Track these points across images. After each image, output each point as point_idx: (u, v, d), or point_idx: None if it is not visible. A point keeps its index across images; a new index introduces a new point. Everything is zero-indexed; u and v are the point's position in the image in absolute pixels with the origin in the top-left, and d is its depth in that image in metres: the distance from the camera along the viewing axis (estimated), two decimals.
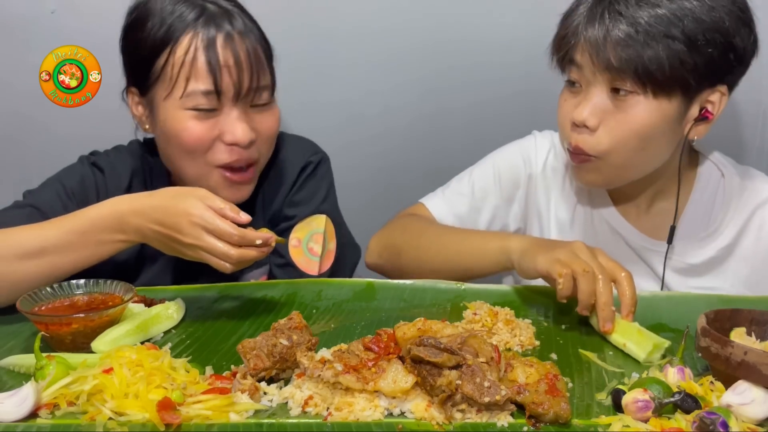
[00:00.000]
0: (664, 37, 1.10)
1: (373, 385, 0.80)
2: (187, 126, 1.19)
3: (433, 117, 1.71)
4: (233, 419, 0.79)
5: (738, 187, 1.26)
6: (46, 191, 1.24)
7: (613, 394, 0.82)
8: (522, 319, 1.04)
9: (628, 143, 1.16)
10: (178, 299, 1.09)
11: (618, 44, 1.11)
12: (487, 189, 1.36)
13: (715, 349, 0.82)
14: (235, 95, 1.19)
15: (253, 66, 1.20)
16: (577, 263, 1.00)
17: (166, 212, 1.00)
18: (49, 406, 0.81)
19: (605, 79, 1.15)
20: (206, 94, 1.18)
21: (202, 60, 1.17)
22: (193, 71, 1.17)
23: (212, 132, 1.20)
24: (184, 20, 1.19)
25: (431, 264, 1.23)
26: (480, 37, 1.64)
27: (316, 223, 1.29)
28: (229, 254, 0.99)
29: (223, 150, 1.21)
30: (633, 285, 1.00)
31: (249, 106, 1.22)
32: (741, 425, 0.76)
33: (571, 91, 1.21)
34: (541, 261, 1.03)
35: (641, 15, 1.11)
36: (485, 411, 0.79)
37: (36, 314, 0.98)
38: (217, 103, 1.19)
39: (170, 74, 1.18)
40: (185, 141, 1.20)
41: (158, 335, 1.02)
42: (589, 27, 1.14)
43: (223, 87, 1.18)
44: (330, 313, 1.10)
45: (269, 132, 1.26)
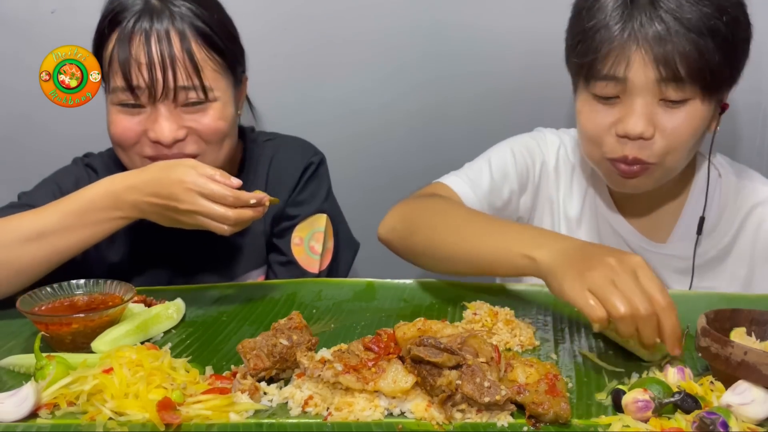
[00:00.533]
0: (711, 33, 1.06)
1: (373, 385, 0.80)
2: (113, 120, 1.20)
3: (431, 115, 1.71)
4: (233, 419, 0.79)
5: (735, 187, 1.26)
6: (42, 192, 1.25)
7: (613, 394, 0.82)
8: (522, 319, 1.04)
9: (686, 145, 1.14)
10: (178, 299, 1.09)
11: (685, 56, 1.06)
12: (506, 171, 1.30)
13: (715, 349, 0.82)
14: (152, 94, 1.17)
15: (170, 65, 1.16)
16: (614, 301, 0.83)
17: (159, 183, 1.02)
18: (49, 406, 0.81)
19: (657, 90, 1.10)
20: (125, 90, 1.17)
21: (116, 57, 1.17)
22: (113, 68, 1.18)
23: (138, 127, 1.19)
24: (116, 18, 1.19)
25: (444, 251, 1.11)
26: (481, 35, 1.64)
27: (317, 223, 1.32)
28: (226, 215, 1.01)
29: (147, 145, 1.20)
30: (675, 318, 0.85)
31: (180, 105, 1.19)
32: (741, 425, 0.76)
33: (603, 104, 1.15)
34: (572, 293, 0.86)
35: (687, 8, 1.06)
36: (485, 411, 0.79)
37: (36, 314, 0.98)
38: (141, 100, 1.18)
39: (106, 73, 1.19)
40: (112, 134, 1.21)
41: (158, 335, 1.02)
42: (637, 37, 1.08)
43: (136, 84, 1.16)
44: (330, 313, 1.10)
45: (206, 130, 1.21)
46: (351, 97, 1.68)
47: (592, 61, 1.12)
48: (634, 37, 1.08)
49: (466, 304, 1.09)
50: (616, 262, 0.86)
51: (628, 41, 1.08)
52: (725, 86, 1.15)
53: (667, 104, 1.11)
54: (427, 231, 1.13)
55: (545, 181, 1.34)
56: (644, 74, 1.09)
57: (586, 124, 1.18)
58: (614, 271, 0.85)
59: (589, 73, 1.14)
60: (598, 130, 1.16)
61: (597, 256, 0.89)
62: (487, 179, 1.28)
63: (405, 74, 1.68)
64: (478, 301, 1.09)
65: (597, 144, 1.17)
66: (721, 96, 1.15)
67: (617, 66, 1.10)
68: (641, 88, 1.10)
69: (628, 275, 0.85)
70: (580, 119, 1.19)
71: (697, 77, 1.08)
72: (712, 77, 1.09)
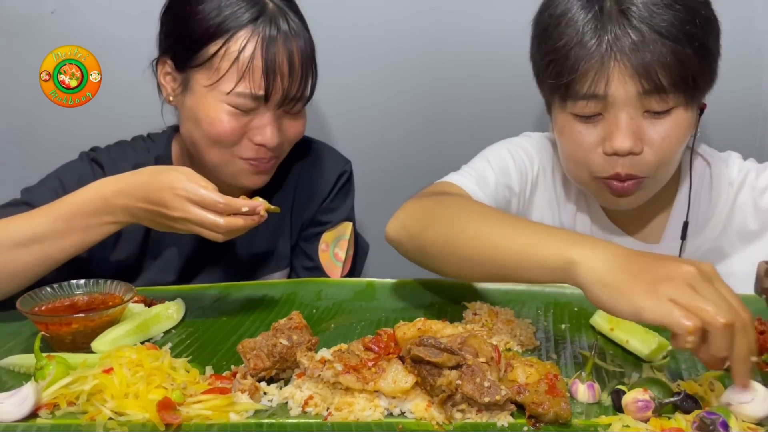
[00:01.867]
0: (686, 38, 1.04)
1: (373, 385, 0.80)
2: (222, 119, 1.18)
3: (432, 116, 1.71)
4: (233, 419, 0.79)
5: (726, 176, 1.24)
6: (43, 189, 1.24)
7: (613, 394, 0.82)
8: (522, 319, 1.04)
9: (676, 154, 1.13)
10: (178, 299, 1.09)
11: (666, 65, 1.03)
12: (507, 171, 1.27)
13: None
14: (280, 101, 1.19)
15: (302, 73, 1.20)
16: (709, 308, 0.72)
17: (149, 188, 1.00)
18: (49, 406, 0.81)
19: (640, 103, 1.07)
20: (255, 98, 1.17)
21: (259, 63, 1.16)
22: (248, 72, 1.16)
23: (243, 129, 1.20)
24: (243, 14, 1.17)
25: (461, 249, 0.97)
26: (480, 36, 1.64)
27: (344, 231, 1.37)
28: (216, 223, 0.99)
29: (249, 147, 1.21)
30: (753, 333, 0.74)
31: (283, 111, 1.22)
32: (741, 425, 0.76)
33: (585, 123, 1.11)
34: (645, 303, 0.74)
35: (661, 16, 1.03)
36: (485, 411, 0.79)
37: (36, 314, 0.98)
38: (260, 105, 1.19)
39: (218, 66, 1.16)
40: (216, 132, 1.19)
41: (158, 335, 1.02)
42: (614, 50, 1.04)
43: (272, 93, 1.17)
44: (330, 313, 1.10)
45: (295, 137, 1.27)
46: (351, 98, 1.68)
47: (570, 81, 1.08)
48: (611, 51, 1.04)
49: (466, 304, 1.09)
50: (692, 270, 0.75)
51: (606, 56, 1.05)
52: (706, 89, 1.13)
53: (651, 116, 1.09)
54: (443, 227, 1.01)
55: (542, 182, 1.32)
56: (625, 89, 1.06)
57: (570, 145, 1.14)
58: (695, 279, 0.75)
59: (566, 93, 1.09)
60: (583, 151, 1.13)
61: (665, 264, 0.78)
62: (492, 177, 1.25)
63: (407, 78, 1.68)
64: (478, 302, 1.09)
65: (583, 165, 1.14)
66: (700, 99, 1.14)
67: (597, 84, 1.06)
68: (623, 103, 1.07)
69: (709, 283, 0.75)
70: (562, 141, 1.16)
71: (679, 86, 1.06)
72: (693, 83, 1.07)
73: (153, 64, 1.27)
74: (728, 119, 1.55)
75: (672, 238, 1.26)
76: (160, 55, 1.25)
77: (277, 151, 1.24)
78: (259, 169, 1.24)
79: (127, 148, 1.34)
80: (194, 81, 1.20)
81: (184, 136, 1.28)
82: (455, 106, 1.70)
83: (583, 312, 1.08)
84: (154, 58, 1.26)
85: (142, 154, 1.32)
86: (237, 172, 1.24)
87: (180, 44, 1.21)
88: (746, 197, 1.23)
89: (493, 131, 1.43)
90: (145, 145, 1.34)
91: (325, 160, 1.41)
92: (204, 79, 1.18)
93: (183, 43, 1.20)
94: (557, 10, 1.10)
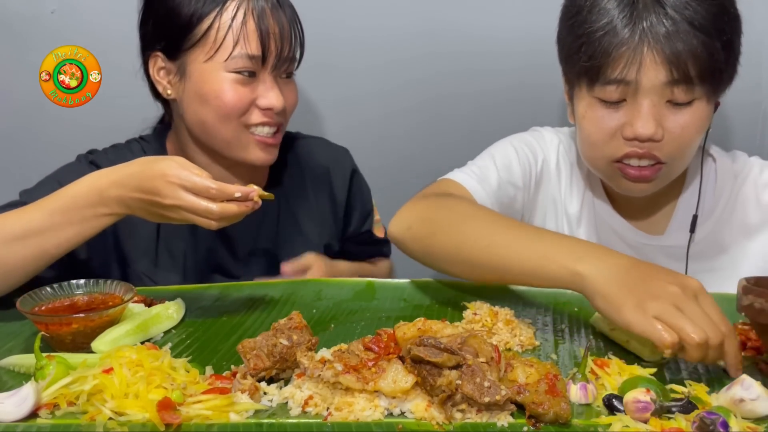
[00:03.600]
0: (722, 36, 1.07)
1: (373, 385, 0.80)
2: (227, 88, 1.23)
3: (433, 112, 1.71)
4: (233, 419, 0.79)
5: (731, 168, 1.27)
6: (42, 191, 1.23)
7: (605, 400, 0.81)
8: (522, 319, 1.04)
9: (694, 145, 1.16)
10: (178, 299, 1.09)
11: (696, 57, 1.06)
12: (510, 168, 1.29)
13: (759, 304, 0.84)
14: (275, 63, 1.25)
15: (293, 36, 1.27)
16: (686, 328, 0.82)
17: (142, 177, 1.00)
18: (49, 406, 0.81)
19: (666, 91, 1.09)
20: (251, 58, 1.23)
21: (253, 26, 1.22)
22: (242, 36, 1.22)
23: (249, 96, 1.25)
24: None
25: (472, 257, 1.04)
26: (480, 34, 1.64)
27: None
28: (210, 209, 0.98)
29: (257, 114, 1.26)
30: (736, 343, 0.85)
31: (278, 77, 1.28)
32: (741, 425, 0.76)
33: (608, 107, 1.13)
34: (632, 317, 0.84)
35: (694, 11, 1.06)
36: (485, 411, 0.79)
37: (36, 314, 0.98)
38: (258, 67, 1.24)
39: (214, 37, 1.22)
40: (225, 102, 1.23)
41: (158, 335, 1.02)
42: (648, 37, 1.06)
43: (268, 53, 1.24)
44: (330, 313, 1.10)
45: (292, 101, 1.32)
46: (350, 98, 1.68)
47: (601, 65, 1.09)
48: (646, 38, 1.06)
49: (466, 304, 1.09)
50: (678, 288, 0.85)
51: (640, 43, 1.07)
52: (727, 85, 1.15)
53: (674, 105, 1.11)
54: (452, 234, 1.07)
55: (547, 179, 1.33)
56: (655, 76, 1.08)
57: (591, 128, 1.16)
58: (679, 299, 0.84)
59: (595, 77, 1.11)
60: (604, 135, 1.15)
61: (655, 281, 0.87)
62: (495, 176, 1.26)
63: (408, 79, 1.68)
64: (478, 301, 1.09)
65: (602, 148, 1.16)
66: (721, 95, 1.16)
67: (628, 69, 1.08)
68: (649, 90, 1.09)
69: (692, 301, 0.84)
70: (583, 125, 1.17)
71: (706, 78, 1.08)
72: (719, 77, 1.10)
73: (142, 65, 1.29)
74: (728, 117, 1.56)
75: (676, 229, 1.27)
76: (149, 51, 1.28)
77: (281, 116, 1.29)
78: (268, 142, 1.29)
79: (124, 151, 1.34)
80: (191, 61, 1.24)
81: (190, 122, 1.29)
82: (456, 102, 1.70)
83: (583, 312, 1.08)
84: (146, 54, 1.29)
85: (139, 155, 1.31)
86: (247, 144, 1.28)
87: (170, 31, 1.24)
88: (749, 190, 1.25)
89: (495, 128, 1.44)
90: (140, 146, 1.36)
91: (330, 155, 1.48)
92: (201, 54, 1.23)
93: (173, 29, 1.24)
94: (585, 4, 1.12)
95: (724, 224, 1.26)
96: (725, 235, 1.26)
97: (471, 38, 1.64)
